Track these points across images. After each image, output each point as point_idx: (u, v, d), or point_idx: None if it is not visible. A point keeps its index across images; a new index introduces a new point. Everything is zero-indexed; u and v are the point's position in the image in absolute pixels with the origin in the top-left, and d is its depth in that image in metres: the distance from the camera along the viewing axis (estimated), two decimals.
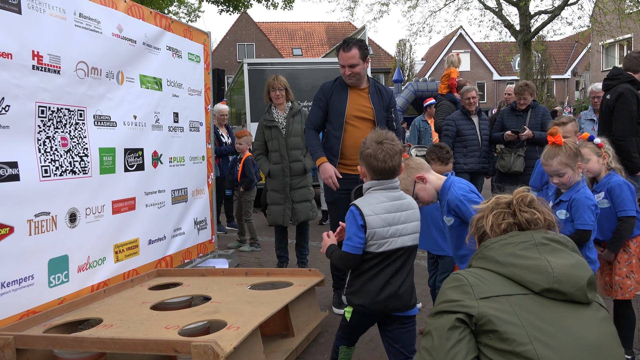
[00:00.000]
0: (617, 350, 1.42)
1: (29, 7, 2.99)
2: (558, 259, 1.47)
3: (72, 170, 3.35)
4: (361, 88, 3.91)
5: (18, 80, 2.93)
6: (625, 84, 4.29)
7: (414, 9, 19.08)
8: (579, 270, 1.45)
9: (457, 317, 1.41)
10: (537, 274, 1.43)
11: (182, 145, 4.65)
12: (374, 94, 3.89)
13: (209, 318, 2.92)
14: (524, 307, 1.40)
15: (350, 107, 3.84)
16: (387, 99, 3.94)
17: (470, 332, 1.41)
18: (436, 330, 1.44)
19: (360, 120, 3.84)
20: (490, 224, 1.59)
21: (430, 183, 2.73)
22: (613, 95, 4.31)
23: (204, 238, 5.06)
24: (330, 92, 3.92)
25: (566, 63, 38.80)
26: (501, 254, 1.50)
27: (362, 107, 3.86)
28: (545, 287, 1.41)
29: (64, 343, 2.59)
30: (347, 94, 3.87)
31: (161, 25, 4.32)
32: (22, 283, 2.98)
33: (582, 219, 2.71)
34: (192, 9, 19.94)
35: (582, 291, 1.43)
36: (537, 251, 1.49)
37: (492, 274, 1.48)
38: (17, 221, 2.93)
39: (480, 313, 1.39)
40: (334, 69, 9.44)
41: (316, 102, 3.97)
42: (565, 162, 2.71)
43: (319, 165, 3.83)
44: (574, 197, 2.76)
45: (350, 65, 3.78)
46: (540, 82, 27.47)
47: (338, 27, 39.90)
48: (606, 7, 17.03)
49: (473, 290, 1.44)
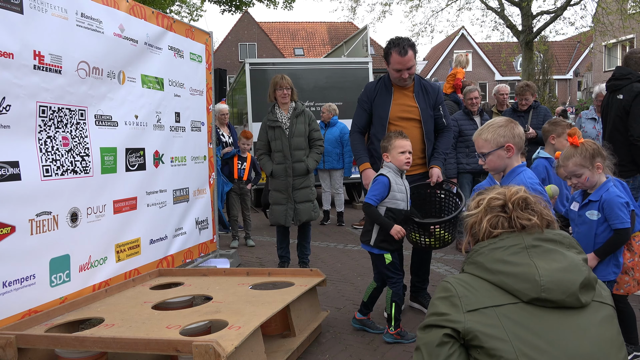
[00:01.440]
0: (614, 356, 1.37)
1: (31, 7, 3.00)
2: (548, 262, 1.42)
3: (74, 170, 3.35)
4: (406, 87, 3.80)
5: (19, 80, 2.93)
6: (638, 83, 4.22)
7: (416, 9, 19.05)
8: (570, 274, 1.40)
9: (445, 332, 1.39)
10: (524, 283, 1.39)
11: (183, 145, 4.65)
12: (419, 93, 3.79)
13: (210, 318, 2.92)
14: (512, 319, 1.36)
15: (394, 109, 3.75)
16: (434, 96, 3.83)
17: (461, 345, 1.39)
18: (425, 346, 1.42)
19: (405, 120, 3.75)
20: (484, 231, 1.54)
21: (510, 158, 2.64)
22: (629, 95, 4.19)
23: (205, 238, 5.06)
24: (374, 94, 3.83)
25: (568, 63, 38.74)
26: (490, 260, 1.46)
27: (407, 107, 3.76)
28: (534, 297, 1.37)
29: (66, 342, 2.59)
30: (390, 95, 3.77)
31: (163, 25, 4.33)
32: (23, 282, 2.98)
33: (618, 218, 2.69)
34: (194, 9, 19.94)
35: (574, 296, 1.38)
36: (527, 255, 1.44)
37: (482, 282, 1.45)
38: (18, 221, 2.93)
39: (466, 329, 1.36)
40: (335, 69, 9.45)
41: (360, 104, 3.90)
42: (581, 163, 2.70)
43: (361, 170, 3.79)
44: (605, 198, 2.74)
45: (408, 69, 3.67)
46: (542, 83, 27.38)
47: (340, 27, 39.87)
48: (609, 7, 17.00)
49: (461, 302, 1.40)
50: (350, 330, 3.62)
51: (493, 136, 2.62)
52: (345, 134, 7.61)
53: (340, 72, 9.43)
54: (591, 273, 1.45)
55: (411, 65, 3.67)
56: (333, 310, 4.01)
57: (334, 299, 4.32)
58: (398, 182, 3.38)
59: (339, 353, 3.27)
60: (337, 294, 4.46)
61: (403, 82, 3.74)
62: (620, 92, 4.30)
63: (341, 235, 7.08)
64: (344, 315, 3.91)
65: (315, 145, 5.04)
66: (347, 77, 9.38)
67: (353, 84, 9.16)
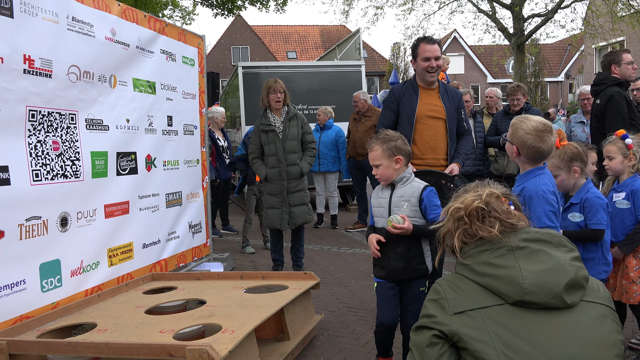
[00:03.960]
0: (602, 356, 1.36)
1: (21, 11, 2.98)
2: (534, 264, 1.43)
3: (64, 175, 3.33)
4: (432, 88, 3.92)
5: (8, 84, 2.91)
6: (613, 87, 4.34)
7: (409, 13, 19.12)
8: (554, 276, 1.41)
9: (433, 333, 1.42)
10: (508, 286, 1.40)
11: (176, 149, 4.63)
12: (444, 94, 3.92)
13: (203, 322, 2.91)
14: (496, 321, 1.38)
15: (421, 108, 3.84)
16: (456, 100, 3.96)
17: (451, 345, 1.41)
18: (416, 347, 1.46)
19: (432, 119, 3.85)
20: (459, 247, 1.57)
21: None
22: (603, 99, 4.36)
23: (198, 241, 5.03)
24: (401, 94, 3.93)
25: (559, 66, 39.01)
26: (477, 263, 1.49)
27: (434, 106, 3.87)
28: (517, 299, 1.39)
29: (58, 348, 2.56)
30: (417, 95, 3.88)
31: (155, 28, 4.31)
32: (14, 288, 2.95)
33: (595, 219, 2.74)
34: (187, 12, 19.94)
35: (559, 298, 1.38)
36: (514, 257, 1.46)
37: (470, 284, 1.47)
38: (7, 225, 2.90)
39: (451, 331, 1.39)
40: (328, 72, 9.46)
41: (387, 104, 3.99)
42: (558, 165, 2.73)
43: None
44: (585, 198, 2.79)
45: (436, 58, 3.79)
46: (534, 85, 27.57)
47: (332, 30, 39.97)
48: (599, 10, 17.15)
49: (449, 304, 1.44)
50: (344, 333, 3.62)
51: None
52: (340, 137, 7.61)
53: (333, 75, 9.45)
54: (580, 272, 1.45)
55: (439, 56, 3.80)
56: (327, 313, 4.00)
57: (327, 302, 4.31)
58: (380, 195, 2.87)
59: (333, 356, 3.26)
60: (331, 297, 4.45)
61: (431, 74, 3.82)
62: (598, 97, 4.47)
63: (335, 238, 7.08)
64: (338, 318, 3.91)
65: (308, 148, 5.05)
66: (340, 80, 9.39)
67: (346, 87, 9.17)
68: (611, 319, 1.44)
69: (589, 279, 1.49)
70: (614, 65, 4.47)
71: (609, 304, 1.47)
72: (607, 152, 3.13)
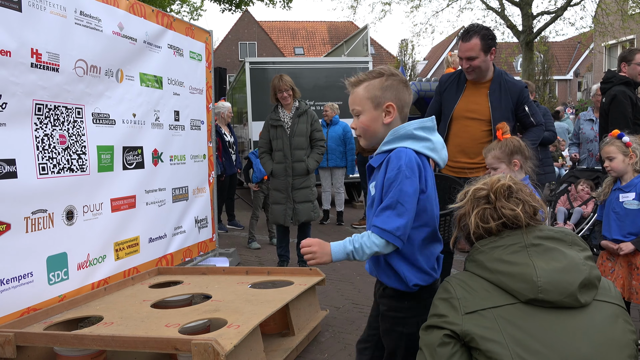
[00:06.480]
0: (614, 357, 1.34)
1: (29, 5, 2.98)
2: (547, 262, 1.41)
3: (70, 168, 3.34)
4: (482, 82, 3.48)
5: (16, 78, 2.91)
6: (619, 86, 4.30)
7: (417, 9, 19.04)
8: (568, 275, 1.39)
9: (445, 332, 1.40)
10: (522, 283, 1.38)
11: (183, 144, 4.64)
12: (495, 90, 3.44)
13: (209, 316, 2.91)
14: (509, 321, 1.35)
15: (460, 106, 3.49)
16: (515, 94, 3.46)
17: (462, 345, 1.39)
18: (427, 347, 1.43)
19: (469, 120, 3.49)
20: (475, 224, 1.53)
21: None
22: (607, 98, 4.33)
23: (204, 236, 5.05)
24: (445, 86, 3.59)
25: (568, 64, 38.71)
26: (489, 259, 1.46)
27: (475, 105, 3.48)
28: (531, 297, 1.37)
29: (65, 340, 2.58)
30: (461, 90, 3.50)
31: (163, 23, 4.31)
32: (21, 280, 2.97)
33: None
34: (194, 8, 19.94)
35: (573, 297, 1.36)
36: (527, 254, 1.43)
37: (482, 282, 1.45)
38: (14, 218, 2.92)
39: (463, 331, 1.37)
40: (335, 69, 9.44)
41: (436, 93, 3.71)
42: (498, 157, 2.74)
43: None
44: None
45: (467, 58, 3.34)
46: (542, 83, 27.40)
47: (340, 26, 39.88)
48: (609, 8, 16.99)
49: (460, 304, 1.41)
50: (349, 329, 3.61)
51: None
52: (347, 132, 7.59)
53: (341, 71, 9.42)
54: (593, 271, 1.43)
55: (472, 56, 3.33)
56: (332, 309, 4.00)
57: (333, 298, 4.31)
58: None
59: (338, 352, 3.26)
60: (336, 293, 4.45)
61: (466, 74, 3.48)
62: (604, 96, 4.43)
63: (341, 235, 7.07)
64: (343, 315, 3.90)
65: (316, 145, 5.03)
66: (347, 77, 9.36)
67: None
68: (623, 319, 1.43)
69: (601, 278, 1.47)
70: (624, 63, 4.42)
71: (620, 304, 1.46)
72: (606, 153, 3.09)
